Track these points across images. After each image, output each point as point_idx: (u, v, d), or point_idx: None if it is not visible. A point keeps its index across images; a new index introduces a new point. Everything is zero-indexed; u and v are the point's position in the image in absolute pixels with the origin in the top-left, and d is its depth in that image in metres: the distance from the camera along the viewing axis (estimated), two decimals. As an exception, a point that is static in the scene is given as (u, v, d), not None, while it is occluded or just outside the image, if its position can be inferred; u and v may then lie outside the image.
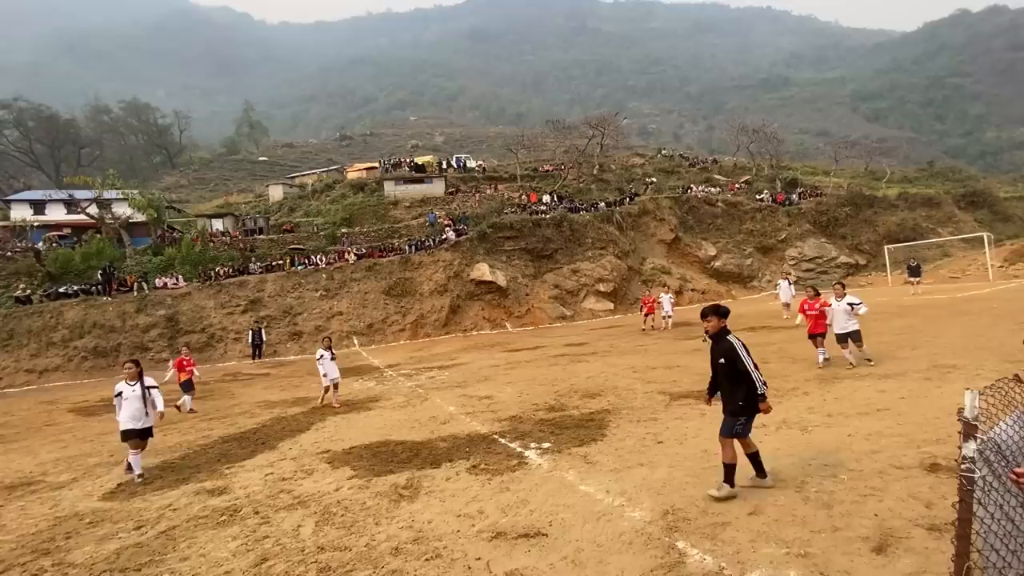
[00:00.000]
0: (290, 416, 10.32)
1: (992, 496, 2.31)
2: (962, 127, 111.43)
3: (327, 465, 6.78)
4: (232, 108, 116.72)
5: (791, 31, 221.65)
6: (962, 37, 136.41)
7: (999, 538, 2.33)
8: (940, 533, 3.49)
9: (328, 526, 4.82)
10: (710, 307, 4.87)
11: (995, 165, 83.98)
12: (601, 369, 11.99)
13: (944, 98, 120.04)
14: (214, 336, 24.05)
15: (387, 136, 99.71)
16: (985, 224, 34.67)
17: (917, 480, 4.48)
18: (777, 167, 45.36)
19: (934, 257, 31.91)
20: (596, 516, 4.42)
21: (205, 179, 70.05)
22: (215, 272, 26.35)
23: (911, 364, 9.08)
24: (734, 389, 4.56)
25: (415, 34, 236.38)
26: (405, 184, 37.01)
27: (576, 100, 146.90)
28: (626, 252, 30.76)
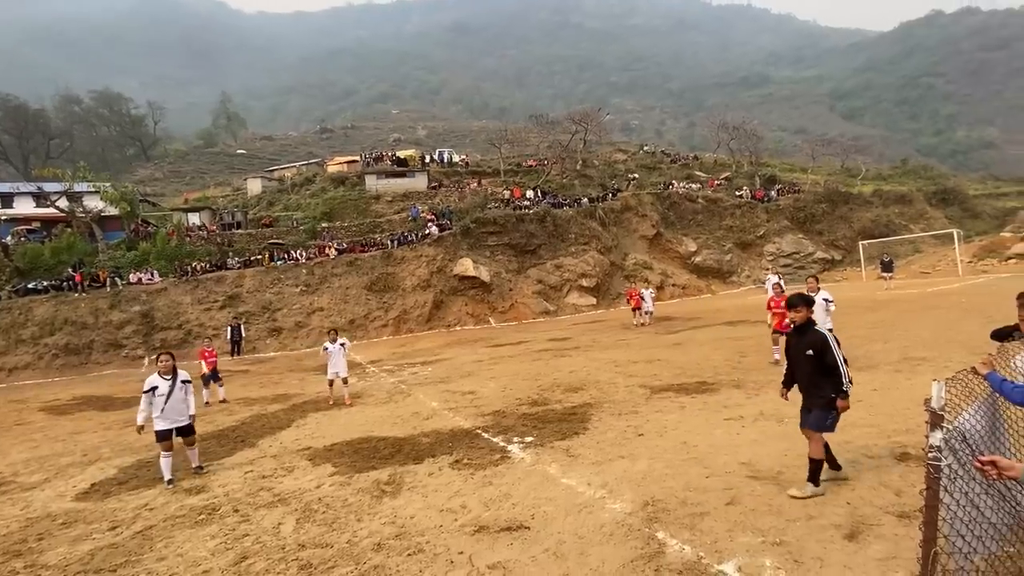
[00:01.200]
0: (270, 413, 10.18)
1: (957, 483, 2.39)
2: (934, 126, 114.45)
3: (308, 462, 6.71)
4: (208, 99, 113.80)
5: (770, 30, 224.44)
6: (936, 38, 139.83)
7: (964, 523, 2.41)
8: (909, 520, 3.61)
9: (309, 523, 4.78)
10: (798, 296, 4.71)
11: (965, 164, 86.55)
12: (584, 364, 12.08)
13: (917, 97, 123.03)
14: (191, 332, 23.56)
15: (368, 129, 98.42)
16: (955, 221, 35.73)
17: (888, 469, 4.62)
18: (756, 164, 46.05)
19: (906, 253, 32.80)
20: (578, 508, 4.47)
21: (181, 172, 68.35)
22: (192, 267, 25.79)
23: (883, 357, 9.34)
24: (821, 383, 4.40)
25: (397, 26, 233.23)
26: (387, 178, 36.64)
27: (559, 95, 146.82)
28: (609, 248, 30.96)
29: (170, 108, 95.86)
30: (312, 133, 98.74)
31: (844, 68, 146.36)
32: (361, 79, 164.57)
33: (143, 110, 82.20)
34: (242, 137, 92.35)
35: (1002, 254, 27.46)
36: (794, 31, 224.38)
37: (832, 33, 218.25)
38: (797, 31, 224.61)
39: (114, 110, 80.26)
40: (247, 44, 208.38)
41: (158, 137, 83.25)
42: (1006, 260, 26.62)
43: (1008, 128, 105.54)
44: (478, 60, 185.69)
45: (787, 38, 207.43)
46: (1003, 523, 2.72)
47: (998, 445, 3.00)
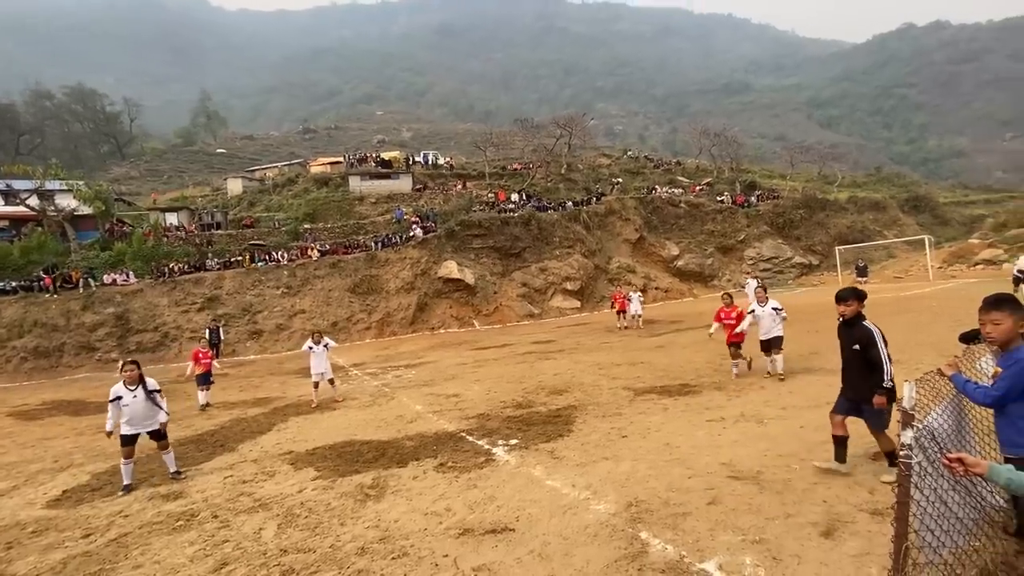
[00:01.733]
0: (250, 417, 10.02)
1: (927, 480, 2.48)
2: (907, 135, 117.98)
3: (290, 466, 6.63)
4: (188, 97, 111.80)
5: (751, 39, 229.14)
6: (908, 50, 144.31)
7: (933, 519, 2.51)
8: (882, 516, 3.71)
9: (291, 528, 4.72)
10: (849, 290, 4.71)
11: (936, 172, 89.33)
12: (568, 366, 12.15)
13: (891, 107, 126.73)
14: (168, 335, 23.08)
15: (352, 130, 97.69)
16: (926, 227, 36.85)
17: (862, 468, 4.75)
18: (737, 170, 46.90)
19: (880, 258, 33.71)
20: (562, 510, 4.50)
21: (158, 171, 66.95)
22: (169, 268, 25.26)
23: (858, 359, 9.57)
24: (866, 376, 4.42)
25: (382, 27, 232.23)
26: (371, 179, 36.40)
27: (544, 99, 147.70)
28: (593, 251, 31.19)
29: (147, 105, 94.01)
30: (295, 133, 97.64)
31: (821, 77, 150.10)
32: (345, 79, 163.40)
33: (119, 107, 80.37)
34: (222, 136, 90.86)
35: (970, 260, 28.40)
36: (774, 40, 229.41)
37: (810, 43, 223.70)
38: (777, 40, 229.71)
39: (88, 106, 78.25)
40: (228, 42, 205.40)
41: (134, 135, 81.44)
42: (974, 266, 27.53)
43: (976, 138, 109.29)
44: (464, 63, 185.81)
45: (767, 47, 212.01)
46: (969, 518, 2.83)
47: (964, 443, 3.12)
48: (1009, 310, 2.82)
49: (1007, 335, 2.84)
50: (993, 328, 2.87)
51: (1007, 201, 44.68)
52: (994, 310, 2.86)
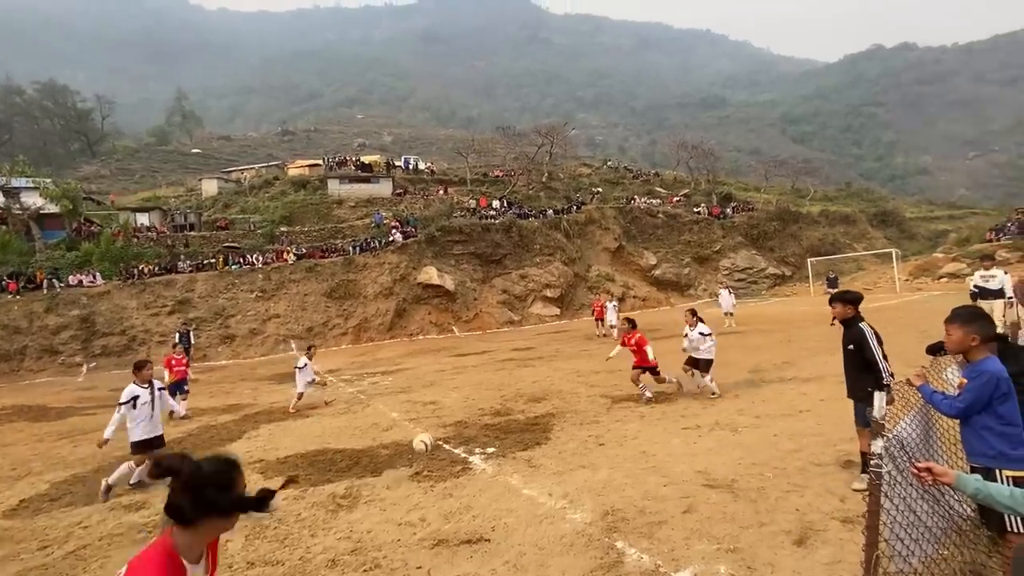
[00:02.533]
0: (220, 424, 9.73)
1: (897, 489, 2.52)
2: (875, 152, 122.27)
3: (260, 475, 6.43)
4: (163, 96, 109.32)
5: (728, 54, 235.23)
6: (877, 70, 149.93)
7: (903, 527, 2.54)
8: (853, 524, 3.77)
9: (259, 540, 4.57)
10: (836, 294, 4.88)
11: (903, 188, 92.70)
12: (547, 374, 12.13)
13: (860, 125, 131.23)
14: (136, 339, 22.35)
15: (332, 133, 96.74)
16: (893, 241, 38.12)
17: (833, 476, 4.82)
18: (713, 182, 47.89)
19: (850, 270, 34.70)
20: (539, 519, 4.45)
21: (130, 170, 65.11)
22: (139, 270, 24.51)
23: (829, 368, 9.78)
24: (861, 377, 4.52)
25: (365, 31, 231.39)
26: (350, 183, 36.02)
27: (526, 108, 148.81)
28: (573, 259, 31.38)
29: (120, 103, 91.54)
30: (273, 135, 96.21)
31: (795, 95, 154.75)
32: (326, 82, 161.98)
33: (91, 104, 78.04)
34: (198, 136, 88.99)
35: (935, 273, 29.44)
36: (750, 57, 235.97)
37: (784, 61, 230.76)
38: (753, 57, 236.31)
39: (59, 102, 75.77)
40: (207, 41, 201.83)
41: (106, 133, 79.13)
42: (938, 279, 28.54)
43: (941, 156, 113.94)
44: (446, 69, 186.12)
45: (743, 63, 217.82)
46: (938, 527, 2.88)
47: (931, 452, 3.18)
48: (959, 323, 2.92)
49: (958, 346, 2.95)
50: (947, 340, 2.99)
51: (969, 217, 46.56)
52: (947, 323, 2.98)
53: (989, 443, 2.85)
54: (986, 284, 11.23)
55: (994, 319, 3.06)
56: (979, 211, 50.23)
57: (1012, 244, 28.95)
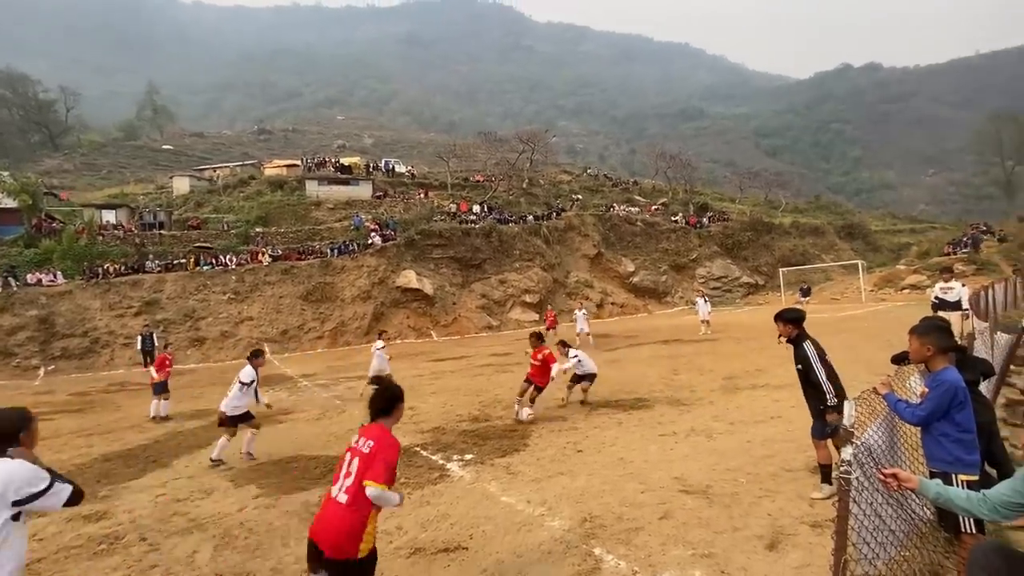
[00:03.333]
0: (188, 430, 9.44)
1: (864, 495, 2.61)
2: (842, 167, 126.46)
3: (229, 483, 6.27)
4: (132, 89, 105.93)
5: (706, 68, 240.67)
6: (845, 88, 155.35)
7: (869, 531, 2.63)
8: (822, 529, 3.88)
9: (229, 550, 4.45)
10: (778, 313, 4.87)
11: (868, 202, 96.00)
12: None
13: (829, 140, 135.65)
14: (99, 341, 21.55)
15: (311, 134, 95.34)
16: (859, 253, 39.44)
17: (804, 481, 4.95)
18: (690, 192, 48.87)
19: (819, 280, 35.75)
20: (517, 527, 4.45)
21: (96, 165, 62.85)
22: (103, 269, 23.67)
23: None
24: (810, 394, 4.59)
25: (346, 32, 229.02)
26: (329, 184, 35.54)
27: (508, 114, 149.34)
28: (552, 265, 31.56)
29: (86, 95, 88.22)
30: (249, 133, 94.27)
31: (768, 109, 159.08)
32: (306, 82, 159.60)
33: (53, 95, 75.05)
34: (169, 132, 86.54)
35: (898, 284, 30.56)
36: (727, 71, 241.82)
37: (758, 76, 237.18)
38: (729, 71, 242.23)
39: (18, 92, 72.51)
40: (181, 34, 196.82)
41: (70, 125, 76.18)
42: (901, 290, 29.64)
43: (903, 172, 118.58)
44: (429, 73, 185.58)
45: (721, 77, 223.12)
46: (901, 530, 3.00)
47: (896, 458, 3.31)
48: (917, 334, 3.10)
49: (917, 356, 3.14)
50: (910, 350, 3.18)
51: (929, 231, 48.54)
52: (909, 334, 3.14)
53: (947, 449, 2.98)
54: (945, 296, 11.74)
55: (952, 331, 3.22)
56: (938, 225, 52.42)
57: (968, 257, 30.30)
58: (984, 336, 6.31)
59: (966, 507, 2.30)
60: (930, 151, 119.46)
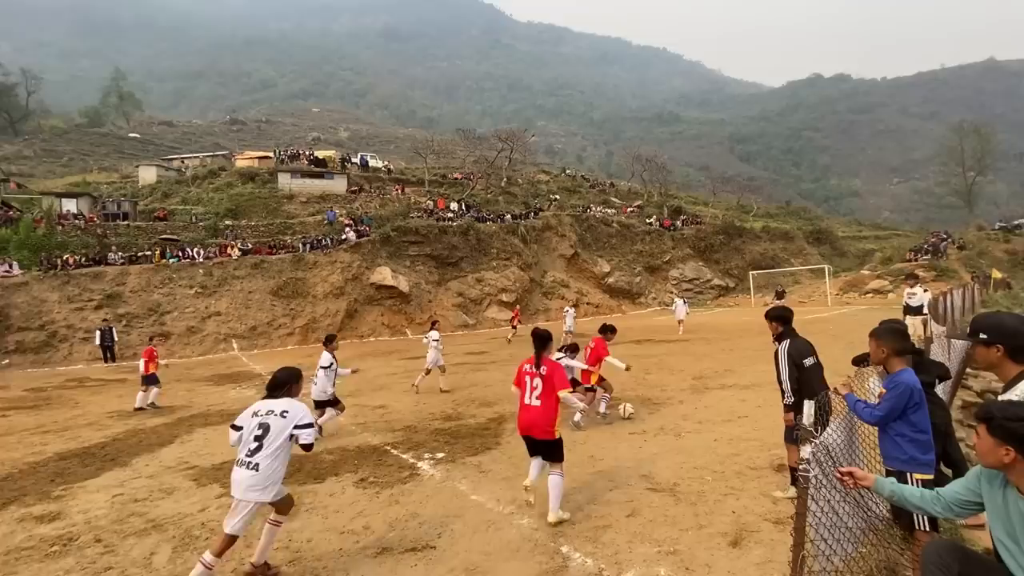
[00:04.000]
0: (149, 428, 9.12)
1: (822, 492, 2.67)
2: (812, 174, 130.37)
3: (192, 483, 6.07)
4: (98, 75, 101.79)
5: (682, 73, 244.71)
6: (815, 97, 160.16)
7: (827, 528, 2.70)
8: (783, 526, 3.97)
9: (189, 551, 4.31)
10: (766, 311, 4.84)
11: (836, 209, 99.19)
12: (500, 378, 12.14)
13: (799, 148, 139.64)
14: (56, 335, 20.65)
15: (285, 125, 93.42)
16: (826, 258, 40.71)
17: (767, 479, 5.07)
18: (665, 195, 49.64)
19: (787, 284, 36.75)
20: (486, 525, 4.43)
21: (57, 152, 60.22)
22: (63, 260, 22.68)
23: (767, 377, 10.25)
24: (781, 392, 4.58)
25: (324, 23, 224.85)
26: (303, 178, 34.79)
27: (487, 112, 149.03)
28: (529, 264, 31.62)
29: (49, 80, 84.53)
30: (221, 123, 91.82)
31: (742, 115, 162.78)
32: (280, 72, 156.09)
33: (14, 78, 71.61)
34: (136, 120, 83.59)
35: (862, 289, 31.67)
36: (702, 77, 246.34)
37: (733, 83, 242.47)
38: (705, 77, 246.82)
39: (-24, 74, 69.16)
40: (150, 20, 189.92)
41: (31, 110, 72.80)
42: (864, 294, 30.72)
43: (869, 181, 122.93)
44: (407, 68, 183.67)
45: (696, 83, 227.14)
46: (857, 527, 3.09)
47: (854, 457, 3.41)
48: (874, 337, 3.22)
49: (874, 358, 3.28)
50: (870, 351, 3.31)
51: (893, 238, 50.42)
52: (869, 337, 3.27)
53: (903, 448, 3.08)
54: (909, 301, 12.26)
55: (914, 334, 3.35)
56: (901, 233, 54.50)
57: (928, 264, 31.57)
58: (941, 340, 6.56)
59: (920, 505, 2.38)
60: (895, 161, 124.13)
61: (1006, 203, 76.65)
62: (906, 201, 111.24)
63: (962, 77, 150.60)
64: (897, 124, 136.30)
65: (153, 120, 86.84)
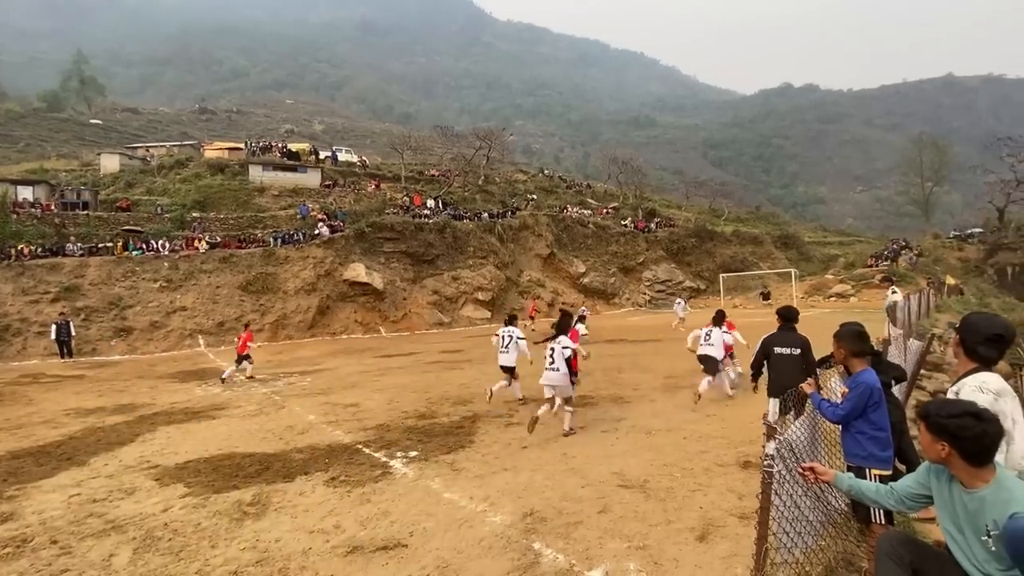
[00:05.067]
0: (108, 426, 8.79)
1: (785, 487, 2.77)
2: (781, 180, 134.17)
3: (154, 482, 5.88)
4: (58, 57, 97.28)
5: (658, 78, 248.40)
6: (786, 106, 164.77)
7: (789, 522, 2.80)
8: (748, 520, 4.09)
9: (150, 553, 4.18)
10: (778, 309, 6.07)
11: (802, 215, 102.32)
12: (475, 376, 12.12)
13: (770, 155, 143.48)
14: (9, 328, 19.69)
15: (257, 116, 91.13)
16: (793, 262, 41.95)
17: (734, 476, 5.22)
18: (640, 197, 50.33)
19: (756, 286, 37.76)
20: (458, 523, 4.43)
21: (12, 136, 57.34)
22: (17, 250, 21.62)
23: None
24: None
25: (299, 13, 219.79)
26: (275, 171, 33.98)
27: (465, 110, 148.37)
28: (506, 263, 31.64)
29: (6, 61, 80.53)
30: (189, 112, 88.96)
31: (716, 121, 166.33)
32: (253, 62, 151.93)
33: (-36, 57, 67.81)
34: (99, 105, 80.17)
35: (826, 292, 32.77)
36: (678, 82, 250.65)
37: (708, 89, 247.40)
38: (680, 83, 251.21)
39: (-78, 51, 65.15)
40: (116, 2, 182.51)
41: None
42: (828, 298, 31.79)
43: (834, 188, 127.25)
44: (385, 62, 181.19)
45: (672, 88, 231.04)
46: (817, 520, 3.21)
47: (816, 454, 3.54)
48: (837, 338, 3.37)
49: (836, 358, 3.44)
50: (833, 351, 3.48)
51: (855, 244, 52.33)
52: (833, 339, 3.41)
53: (862, 445, 3.22)
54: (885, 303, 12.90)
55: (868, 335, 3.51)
56: (863, 239, 56.61)
57: (888, 269, 32.87)
58: (898, 342, 6.85)
59: (875, 499, 2.49)
60: (859, 170, 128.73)
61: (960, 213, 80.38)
62: (868, 209, 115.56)
63: (922, 91, 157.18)
64: (862, 135, 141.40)
65: (117, 106, 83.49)
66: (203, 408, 9.87)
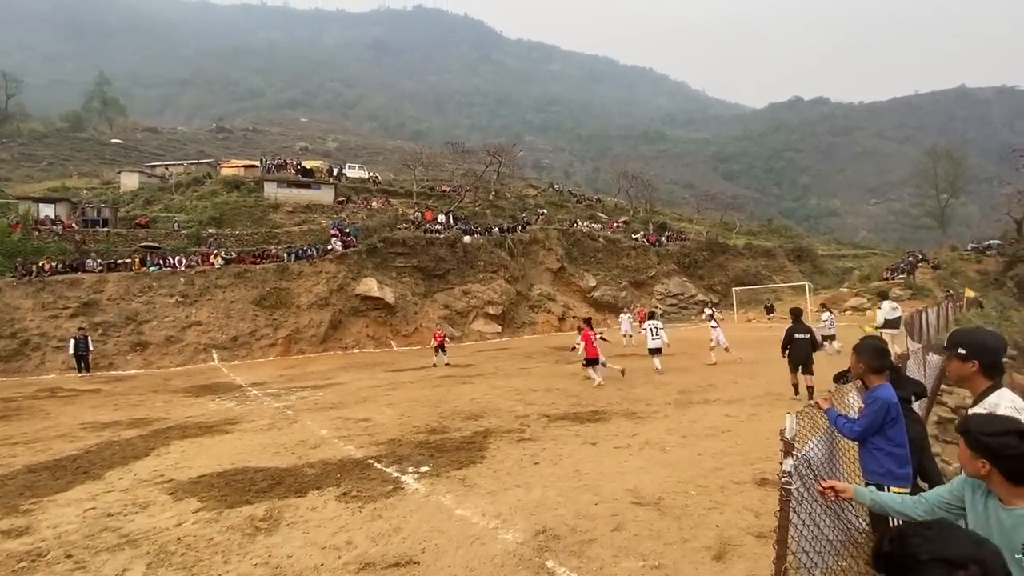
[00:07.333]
0: (124, 440, 8.88)
1: (804, 505, 2.71)
2: (793, 193, 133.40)
3: (168, 497, 5.92)
4: (81, 79, 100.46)
5: (668, 93, 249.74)
6: (796, 119, 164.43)
7: (808, 541, 2.74)
8: (766, 539, 4.00)
9: (164, 568, 4.19)
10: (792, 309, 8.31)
11: (816, 227, 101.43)
12: (485, 391, 12.09)
13: (781, 168, 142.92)
14: (28, 343, 20.08)
15: (272, 134, 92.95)
16: (807, 275, 41.48)
17: (750, 493, 5.11)
18: (650, 211, 50.31)
19: (769, 300, 37.36)
20: (470, 540, 4.39)
21: (36, 156, 59.10)
22: (38, 266, 22.14)
23: (749, 391, 10.44)
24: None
25: (313, 34, 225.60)
26: (289, 187, 34.55)
27: (476, 126, 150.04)
28: (516, 277, 31.68)
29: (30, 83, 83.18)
30: (206, 131, 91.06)
31: (726, 135, 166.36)
32: (268, 82, 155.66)
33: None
34: (119, 125, 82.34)
35: (840, 306, 32.26)
36: (687, 97, 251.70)
37: (717, 104, 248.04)
38: (690, 97, 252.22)
39: (-46, 76, 67.70)
40: (137, 27, 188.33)
41: (11, 113, 71.34)
42: (843, 311, 31.30)
43: (847, 201, 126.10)
44: (397, 81, 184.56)
45: (681, 102, 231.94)
46: (838, 540, 3.13)
47: (834, 471, 3.47)
48: (856, 352, 3.31)
49: (854, 372, 3.39)
50: (851, 365, 3.42)
51: (870, 256, 51.65)
52: (852, 352, 3.36)
53: (880, 462, 3.15)
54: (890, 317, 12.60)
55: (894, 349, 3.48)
56: (878, 252, 55.87)
57: (904, 282, 32.36)
58: (917, 356, 6.73)
59: (900, 510, 2.42)
60: (872, 182, 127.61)
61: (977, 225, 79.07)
62: (883, 221, 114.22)
63: (935, 103, 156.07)
64: (874, 147, 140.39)
65: (137, 126, 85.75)
66: (217, 422, 9.94)
